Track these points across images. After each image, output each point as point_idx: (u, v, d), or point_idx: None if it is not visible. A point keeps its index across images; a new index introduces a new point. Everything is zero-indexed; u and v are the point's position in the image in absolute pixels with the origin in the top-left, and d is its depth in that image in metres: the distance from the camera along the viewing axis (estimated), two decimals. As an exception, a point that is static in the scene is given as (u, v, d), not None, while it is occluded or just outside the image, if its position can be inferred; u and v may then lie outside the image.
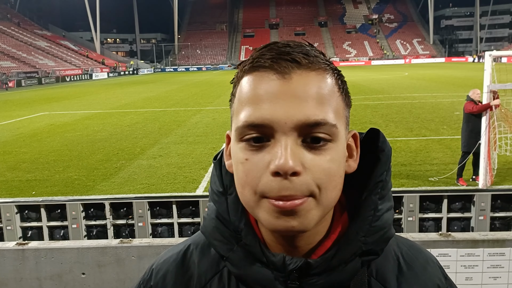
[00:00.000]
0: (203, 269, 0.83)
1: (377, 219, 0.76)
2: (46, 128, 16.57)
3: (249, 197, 0.70)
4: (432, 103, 19.11)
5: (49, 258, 3.25)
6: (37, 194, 8.33)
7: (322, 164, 0.68)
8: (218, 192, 0.82)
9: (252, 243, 0.76)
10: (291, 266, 0.73)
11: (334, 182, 0.70)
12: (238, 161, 0.71)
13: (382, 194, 0.78)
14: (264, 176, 0.68)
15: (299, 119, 0.67)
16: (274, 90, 0.68)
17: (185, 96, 27.72)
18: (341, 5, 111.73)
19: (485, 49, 75.17)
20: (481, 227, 4.09)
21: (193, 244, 0.88)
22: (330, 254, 0.74)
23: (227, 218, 0.79)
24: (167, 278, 0.85)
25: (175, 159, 10.85)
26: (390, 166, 0.80)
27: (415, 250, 0.86)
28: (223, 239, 0.79)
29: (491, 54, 6.96)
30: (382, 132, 0.82)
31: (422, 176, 8.69)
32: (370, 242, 0.75)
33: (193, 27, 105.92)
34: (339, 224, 0.78)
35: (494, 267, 3.11)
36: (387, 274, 0.80)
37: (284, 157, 0.65)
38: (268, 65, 0.69)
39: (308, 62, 0.70)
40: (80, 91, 36.85)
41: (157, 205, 4.36)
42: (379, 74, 44.05)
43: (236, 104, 0.73)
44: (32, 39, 68.64)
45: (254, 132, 0.69)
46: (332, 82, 0.72)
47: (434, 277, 0.83)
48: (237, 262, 0.77)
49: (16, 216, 4.38)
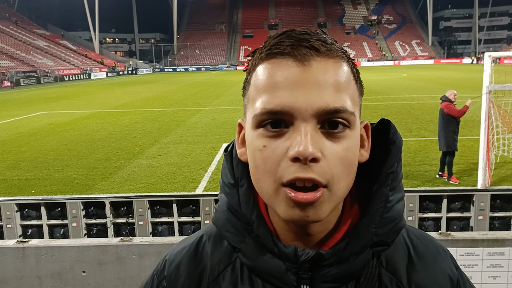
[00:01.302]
0: (215, 261, 0.83)
1: (388, 210, 0.76)
2: (45, 128, 16.55)
3: (268, 185, 0.71)
4: (431, 104, 19.13)
5: (50, 256, 3.25)
6: (36, 193, 8.32)
7: (339, 152, 0.69)
8: (229, 184, 0.82)
9: (264, 235, 0.77)
10: (303, 257, 0.73)
11: (348, 170, 0.71)
12: (256, 149, 0.71)
13: (393, 186, 0.78)
14: (283, 162, 0.68)
15: (319, 106, 0.67)
16: (294, 77, 0.68)
17: (184, 96, 27.70)
18: (340, 6, 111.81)
19: (484, 50, 75.31)
20: (481, 227, 4.10)
21: (205, 236, 0.88)
22: (341, 246, 0.75)
23: (238, 210, 0.79)
24: (180, 269, 0.85)
25: (175, 159, 10.85)
26: (401, 157, 0.81)
27: (426, 240, 0.86)
28: (235, 230, 0.79)
29: (490, 55, 6.98)
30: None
31: (421, 176, 8.71)
32: (381, 234, 0.76)
33: (192, 27, 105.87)
34: (350, 216, 0.78)
35: (493, 267, 3.12)
36: (398, 264, 0.80)
37: (304, 144, 0.66)
38: (288, 51, 0.69)
39: (326, 50, 0.71)
40: (79, 90, 36.81)
41: (158, 204, 4.37)
42: (378, 75, 44.08)
43: (253, 91, 0.73)
44: (31, 39, 68.55)
45: (273, 119, 0.69)
46: (348, 70, 0.73)
47: (445, 267, 0.83)
48: (249, 254, 0.78)
49: (16, 215, 4.38)
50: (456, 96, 8.29)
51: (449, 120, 8.19)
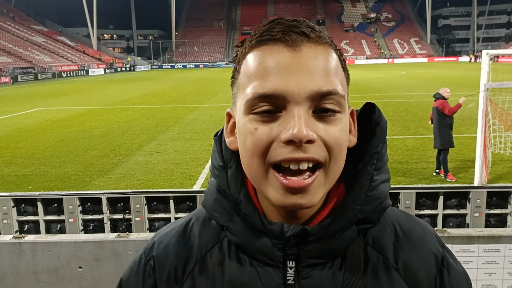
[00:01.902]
0: (204, 240, 0.85)
1: (373, 188, 0.78)
2: (42, 124, 16.52)
3: (257, 168, 0.72)
4: (429, 102, 19.06)
5: (46, 252, 3.25)
6: (33, 189, 8.31)
7: (334, 134, 0.70)
8: (218, 167, 0.84)
9: (251, 213, 0.78)
10: (288, 233, 0.75)
11: (342, 152, 0.73)
12: (247, 132, 0.72)
13: (378, 166, 0.80)
14: (274, 144, 0.69)
15: (312, 89, 0.68)
16: (285, 62, 0.69)
17: (182, 93, 27.67)
18: (339, 3, 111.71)
19: (482, 49, 75.25)
20: (477, 224, 4.12)
21: (194, 217, 0.90)
22: (327, 222, 0.76)
23: (227, 191, 0.81)
24: (169, 249, 0.86)
25: (172, 156, 10.85)
26: (386, 139, 0.82)
27: (413, 221, 0.87)
28: (223, 210, 0.81)
29: (488, 52, 6.99)
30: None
31: (418, 174, 8.73)
32: (366, 211, 0.77)
33: (191, 24, 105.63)
34: (336, 194, 0.80)
35: (489, 263, 3.13)
36: (384, 243, 0.82)
37: (298, 126, 0.67)
38: (279, 37, 0.70)
39: (316, 36, 0.72)
40: (77, 87, 36.73)
41: (155, 200, 4.36)
42: (377, 73, 44.10)
43: (243, 78, 0.74)
44: (29, 35, 68.30)
45: (265, 104, 0.70)
46: (337, 57, 0.74)
47: (431, 246, 0.84)
48: (237, 232, 0.79)
49: (13, 210, 4.37)
50: (449, 94, 8.31)
51: (444, 117, 8.21)
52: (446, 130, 8.21)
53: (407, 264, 0.81)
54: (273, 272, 0.77)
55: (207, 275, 0.82)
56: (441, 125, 8.25)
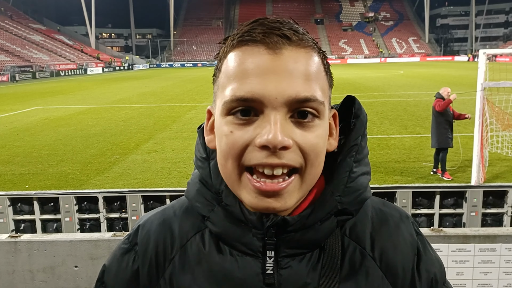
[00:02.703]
0: (185, 229, 0.85)
1: (352, 180, 0.79)
2: (40, 122, 16.49)
3: (232, 170, 0.72)
4: (427, 101, 19.16)
5: (42, 251, 3.24)
6: (30, 188, 8.29)
7: (311, 140, 0.70)
8: (201, 158, 0.84)
9: (232, 203, 0.78)
10: (268, 223, 0.75)
11: (319, 158, 0.73)
12: (222, 134, 0.72)
13: (358, 158, 0.80)
14: (250, 148, 0.69)
15: (289, 94, 0.68)
16: (265, 65, 0.69)
17: (180, 92, 27.65)
18: (338, 2, 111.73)
19: (480, 48, 75.36)
20: (473, 223, 4.12)
21: (177, 205, 0.90)
22: (306, 212, 0.77)
23: (209, 181, 0.82)
24: (151, 236, 0.87)
25: (170, 154, 10.84)
26: (366, 132, 0.83)
27: (389, 208, 0.88)
28: (205, 200, 0.82)
29: (485, 52, 7.00)
30: (376, 128, 0.84)
31: (415, 173, 8.74)
32: (345, 202, 0.78)
33: (189, 23, 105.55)
34: (316, 186, 0.80)
35: (485, 263, 3.14)
36: (361, 232, 0.82)
37: (274, 132, 0.67)
38: (260, 39, 0.70)
39: (298, 39, 0.71)
40: (75, 85, 36.67)
41: (151, 199, 4.36)
42: (375, 72, 44.13)
43: (223, 78, 0.73)
44: (27, 33, 68.17)
45: (242, 106, 0.70)
46: (319, 61, 0.74)
47: (406, 233, 0.85)
48: (217, 221, 0.80)
49: (9, 209, 4.36)
50: (449, 93, 8.32)
51: (438, 116, 8.23)
52: (441, 129, 8.21)
53: (383, 253, 0.82)
54: (252, 262, 0.78)
55: (188, 263, 0.82)
56: (437, 124, 8.26)
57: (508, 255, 3.12)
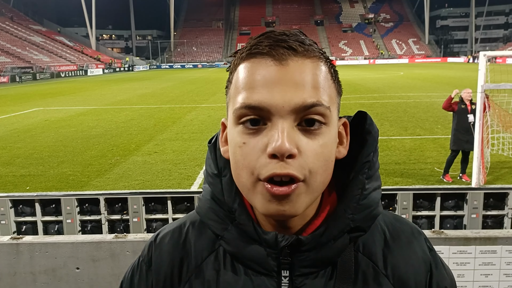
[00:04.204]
0: (199, 248, 0.86)
1: (364, 197, 0.80)
2: (40, 124, 16.49)
3: (246, 179, 0.73)
4: (427, 103, 19.19)
5: (43, 253, 3.25)
6: (31, 189, 8.30)
7: (316, 148, 0.72)
8: (213, 174, 0.85)
9: (245, 222, 0.80)
10: (283, 243, 0.76)
11: (325, 166, 0.73)
12: (236, 145, 0.74)
13: (369, 174, 0.81)
14: (261, 158, 0.71)
15: (296, 102, 0.70)
16: (272, 76, 0.71)
17: (180, 93, 27.66)
18: (338, 4, 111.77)
19: (480, 49, 75.52)
20: (474, 225, 4.13)
21: (189, 223, 0.90)
22: (320, 231, 0.78)
23: (221, 199, 0.82)
24: (164, 256, 0.88)
25: (170, 156, 10.84)
26: (377, 147, 0.84)
27: (401, 223, 0.89)
28: (217, 219, 0.82)
29: (485, 54, 7.00)
30: (376, 128, 0.85)
31: (416, 174, 8.74)
32: (357, 219, 0.79)
33: (189, 24, 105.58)
34: (328, 203, 0.82)
35: (485, 265, 3.14)
36: (374, 248, 0.83)
37: (281, 140, 0.68)
38: (266, 51, 0.72)
39: (304, 50, 0.73)
40: (75, 87, 36.67)
41: (152, 201, 4.36)
42: (375, 73, 44.14)
43: (233, 89, 0.76)
44: (27, 34, 68.19)
45: (252, 114, 0.72)
46: (326, 70, 0.75)
47: (419, 249, 0.86)
48: (231, 241, 0.81)
49: (11, 211, 4.37)
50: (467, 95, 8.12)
51: (453, 117, 8.30)
52: (453, 130, 8.24)
53: (395, 270, 0.82)
54: (267, 281, 0.79)
55: (203, 284, 0.83)
56: (452, 125, 8.32)
57: (509, 257, 3.13)
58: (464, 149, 8.18)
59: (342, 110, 0.79)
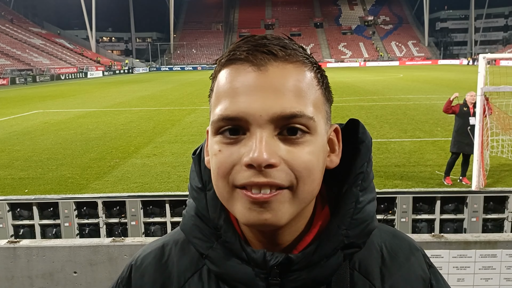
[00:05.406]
0: (182, 268, 0.81)
1: (358, 211, 0.75)
2: (39, 126, 16.48)
3: (223, 188, 0.69)
4: (427, 105, 19.18)
5: (41, 257, 3.23)
6: (30, 192, 8.28)
7: (301, 156, 0.67)
8: (197, 188, 0.80)
9: (232, 240, 0.74)
10: (272, 262, 0.71)
11: (312, 175, 0.69)
12: (213, 153, 0.70)
13: (363, 186, 0.76)
14: (236, 167, 0.67)
15: (275, 111, 0.66)
16: (250, 82, 0.67)
17: (180, 95, 27.66)
18: (337, 6, 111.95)
19: (480, 51, 75.69)
20: (474, 229, 4.11)
21: (172, 242, 0.85)
22: (311, 249, 0.73)
23: (206, 215, 0.77)
24: (145, 278, 0.83)
25: (169, 158, 10.83)
26: (371, 157, 0.79)
27: (399, 239, 0.85)
28: (202, 236, 0.77)
29: (485, 56, 6.99)
30: (376, 132, 0.82)
31: (415, 177, 8.72)
32: (352, 235, 0.74)
33: (189, 26, 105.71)
34: (320, 218, 0.77)
35: (485, 269, 3.12)
36: (370, 266, 0.79)
37: (258, 150, 0.64)
38: (244, 57, 0.68)
39: (285, 55, 0.69)
40: (75, 89, 36.67)
41: (150, 204, 4.35)
42: (374, 76, 44.17)
43: (214, 98, 0.73)
44: (27, 37, 68.26)
45: (229, 125, 0.68)
46: (311, 75, 0.71)
47: (417, 267, 0.82)
48: (216, 260, 0.75)
49: (8, 214, 4.35)
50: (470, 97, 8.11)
51: (455, 120, 8.29)
52: (453, 133, 8.25)
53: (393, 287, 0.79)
54: None
55: None
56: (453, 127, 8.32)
57: (509, 261, 3.11)
58: (464, 152, 8.16)
59: (342, 113, 0.77)
